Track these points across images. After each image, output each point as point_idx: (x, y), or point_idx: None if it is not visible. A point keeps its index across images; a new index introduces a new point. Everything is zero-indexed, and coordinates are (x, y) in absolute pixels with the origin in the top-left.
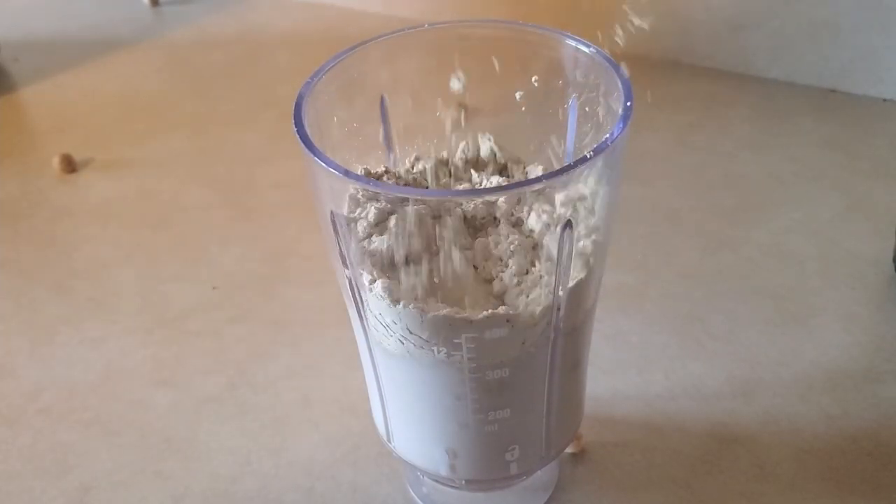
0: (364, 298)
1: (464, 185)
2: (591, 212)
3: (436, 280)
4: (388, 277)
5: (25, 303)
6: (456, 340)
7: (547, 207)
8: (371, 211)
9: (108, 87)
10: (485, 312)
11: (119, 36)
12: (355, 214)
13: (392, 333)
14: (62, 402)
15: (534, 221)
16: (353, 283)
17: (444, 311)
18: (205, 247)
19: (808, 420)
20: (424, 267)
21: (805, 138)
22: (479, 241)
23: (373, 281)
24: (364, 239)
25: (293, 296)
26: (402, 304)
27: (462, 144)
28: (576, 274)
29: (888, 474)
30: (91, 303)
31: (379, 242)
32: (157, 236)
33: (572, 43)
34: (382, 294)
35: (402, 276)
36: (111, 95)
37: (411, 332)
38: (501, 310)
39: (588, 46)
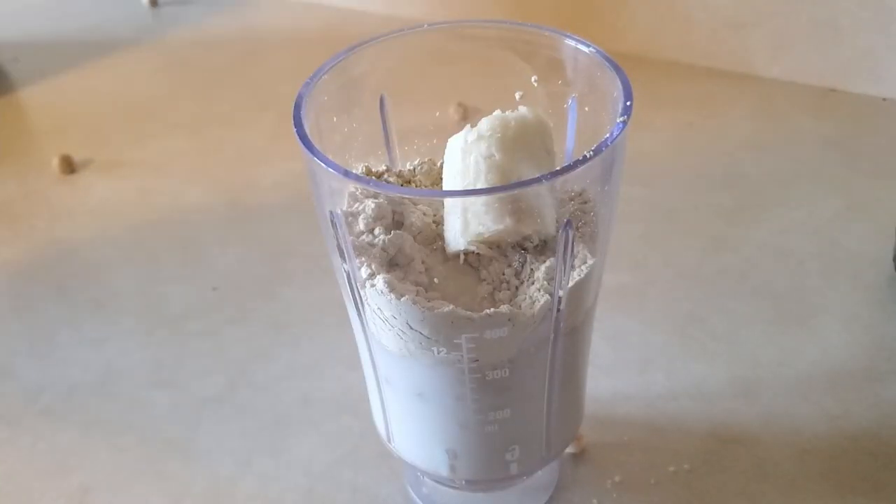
0: (363, 296)
1: None
2: (591, 212)
3: (436, 280)
4: (388, 272)
5: (25, 304)
6: (456, 340)
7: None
8: (370, 205)
9: (107, 87)
10: (487, 311)
11: (118, 36)
12: (354, 209)
13: (391, 328)
14: (62, 402)
15: None
16: (353, 280)
17: (447, 308)
18: (205, 247)
19: (809, 420)
20: (425, 264)
21: (805, 138)
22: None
23: (372, 275)
24: (364, 233)
25: (293, 296)
26: (404, 298)
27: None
28: (576, 274)
29: (889, 474)
30: (91, 303)
31: (380, 236)
32: (157, 237)
33: (572, 43)
34: (384, 289)
35: (403, 271)
36: (111, 96)
37: (411, 328)
38: (503, 308)
39: (588, 46)
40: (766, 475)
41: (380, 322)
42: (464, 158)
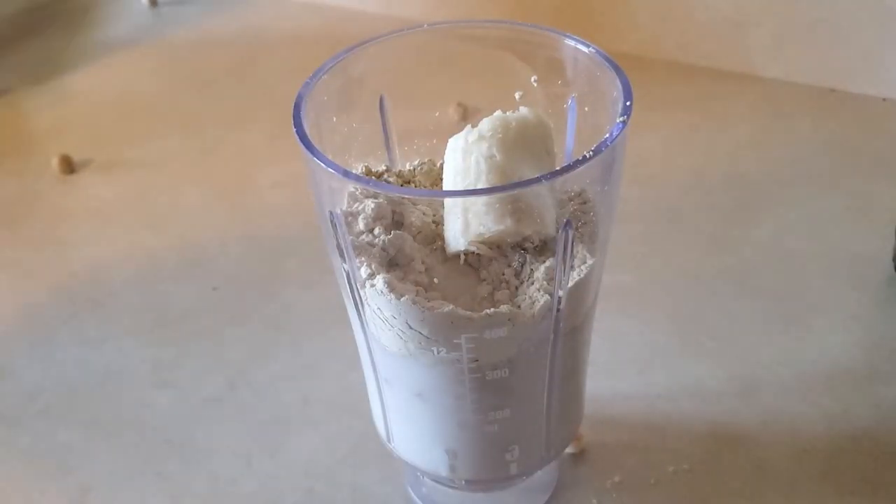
0: (363, 296)
1: None
2: (591, 212)
3: (436, 280)
4: (388, 272)
5: (25, 303)
6: (455, 340)
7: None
8: (370, 205)
9: (107, 87)
10: (487, 311)
11: (118, 36)
12: (354, 209)
13: (391, 328)
14: (62, 402)
15: None
16: (353, 280)
17: (447, 308)
18: (204, 247)
19: (808, 420)
20: (425, 264)
21: (805, 138)
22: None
23: (372, 275)
24: (364, 233)
25: (293, 296)
26: (404, 298)
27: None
28: (576, 274)
29: (888, 474)
30: (90, 303)
31: (380, 236)
32: (157, 237)
33: (572, 43)
34: (384, 289)
35: (403, 271)
36: (110, 96)
37: (411, 328)
38: (503, 308)
39: (587, 46)
40: (766, 475)
41: (380, 322)
42: (464, 158)
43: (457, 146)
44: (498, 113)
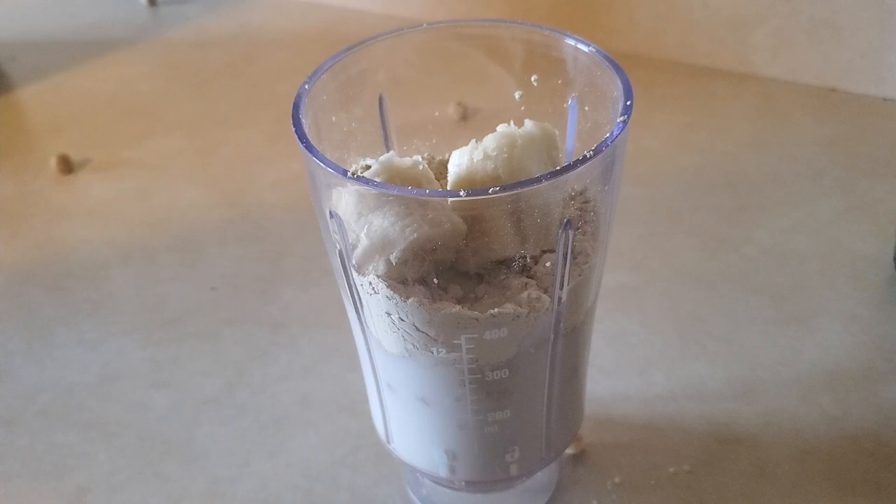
0: (362, 299)
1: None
2: (591, 211)
3: (435, 280)
4: (393, 277)
5: (23, 304)
6: (455, 341)
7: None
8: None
9: (105, 87)
10: (491, 311)
11: (117, 36)
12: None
13: (396, 329)
14: (60, 403)
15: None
16: (352, 281)
17: (453, 309)
18: (203, 247)
19: (809, 420)
20: (430, 264)
21: (805, 138)
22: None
23: (384, 277)
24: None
25: (292, 296)
26: (411, 300)
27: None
28: (575, 274)
29: (889, 474)
30: (88, 304)
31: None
32: (155, 237)
33: (572, 42)
34: (390, 294)
35: (408, 273)
36: (109, 95)
37: (418, 330)
38: (507, 308)
39: (588, 46)
40: (766, 476)
41: (381, 322)
42: (468, 176)
43: (461, 162)
44: (502, 128)
